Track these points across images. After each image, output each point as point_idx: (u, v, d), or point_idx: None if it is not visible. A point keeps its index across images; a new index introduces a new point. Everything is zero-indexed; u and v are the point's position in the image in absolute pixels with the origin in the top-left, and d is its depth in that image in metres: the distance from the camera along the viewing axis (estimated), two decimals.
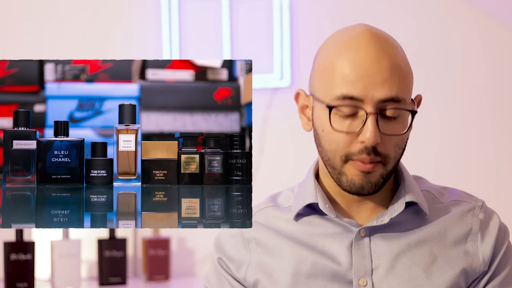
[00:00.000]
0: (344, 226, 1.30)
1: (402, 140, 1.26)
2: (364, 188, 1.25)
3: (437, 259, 1.28)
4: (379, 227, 1.29)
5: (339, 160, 1.24)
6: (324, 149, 1.26)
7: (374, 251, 1.28)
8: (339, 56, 1.24)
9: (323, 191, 1.32)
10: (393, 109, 1.22)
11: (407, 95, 1.25)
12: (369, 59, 1.22)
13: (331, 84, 1.23)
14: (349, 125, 1.23)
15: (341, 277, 1.27)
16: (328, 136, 1.24)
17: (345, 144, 1.23)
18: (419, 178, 1.38)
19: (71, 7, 2.57)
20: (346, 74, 1.22)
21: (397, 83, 1.22)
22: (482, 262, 1.29)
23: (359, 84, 1.21)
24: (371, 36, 1.25)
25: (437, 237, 1.29)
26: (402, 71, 1.23)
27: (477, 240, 1.30)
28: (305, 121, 1.32)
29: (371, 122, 1.21)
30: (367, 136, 1.21)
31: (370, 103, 1.21)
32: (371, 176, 1.24)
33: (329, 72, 1.24)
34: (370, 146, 1.21)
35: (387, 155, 1.24)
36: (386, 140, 1.23)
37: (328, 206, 1.29)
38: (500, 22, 2.54)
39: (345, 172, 1.25)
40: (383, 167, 1.25)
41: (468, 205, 1.33)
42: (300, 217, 1.33)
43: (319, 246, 1.30)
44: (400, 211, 1.28)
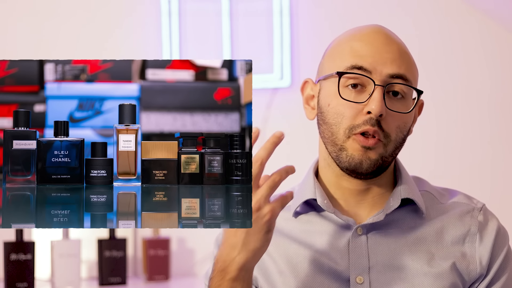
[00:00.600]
0: (341, 224, 1.30)
1: (405, 124, 1.28)
2: (363, 165, 1.26)
3: (434, 258, 1.28)
4: (376, 224, 1.30)
5: (342, 134, 1.26)
6: (328, 124, 1.28)
7: (371, 249, 1.29)
8: (349, 39, 1.29)
9: (322, 188, 1.33)
10: (400, 85, 1.26)
11: (413, 79, 1.28)
12: (379, 39, 1.27)
13: (341, 58, 1.28)
14: (356, 97, 1.26)
15: (338, 275, 1.28)
16: (334, 110, 1.27)
17: (351, 116, 1.25)
18: (420, 179, 1.39)
19: (71, 7, 2.57)
20: (357, 49, 1.27)
21: (405, 64, 1.27)
22: (479, 265, 1.28)
23: (369, 58, 1.25)
24: (381, 28, 1.30)
25: (434, 236, 1.29)
26: (410, 59, 1.29)
27: (475, 241, 1.30)
28: (309, 110, 1.35)
29: (378, 93, 1.24)
30: (373, 106, 1.23)
31: (378, 75, 1.25)
32: (371, 153, 1.26)
33: (340, 50, 1.29)
34: (375, 117, 1.24)
35: (389, 134, 1.26)
36: (390, 118, 1.25)
37: (326, 202, 1.31)
38: (500, 22, 2.54)
39: (346, 147, 1.26)
40: (383, 147, 1.26)
41: (467, 207, 1.33)
42: (299, 214, 1.35)
43: (317, 244, 1.31)
44: (395, 207, 1.29)
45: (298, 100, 2.59)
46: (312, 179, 1.34)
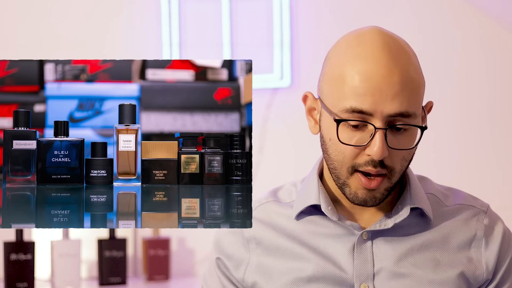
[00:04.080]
0: (346, 228, 1.29)
1: (410, 153, 1.25)
2: (367, 202, 1.24)
3: (439, 264, 1.26)
4: (382, 230, 1.28)
5: (345, 171, 1.24)
6: (330, 158, 1.25)
7: (376, 255, 1.27)
8: (349, 66, 1.22)
9: (326, 192, 1.31)
10: (402, 124, 1.21)
11: (417, 108, 1.23)
12: (380, 72, 1.20)
13: (340, 96, 1.22)
14: (357, 138, 1.22)
15: (342, 281, 1.26)
16: (335, 147, 1.24)
17: (352, 156, 1.22)
18: (423, 178, 1.37)
19: (71, 7, 2.57)
20: (356, 86, 1.20)
21: (407, 98, 1.21)
22: (485, 270, 1.27)
23: (369, 98, 1.19)
24: (383, 44, 1.22)
25: (440, 242, 1.28)
26: (413, 84, 1.22)
27: (481, 246, 1.28)
28: (312, 123, 1.31)
29: (379, 137, 1.20)
30: (375, 150, 1.20)
31: (379, 117, 1.20)
32: (375, 192, 1.24)
33: (339, 82, 1.22)
34: (377, 160, 1.21)
35: (393, 168, 1.23)
36: (394, 154, 1.22)
37: (330, 209, 1.28)
38: (500, 22, 2.54)
39: (349, 184, 1.24)
40: (388, 180, 1.24)
41: (473, 210, 1.31)
42: (302, 215, 1.32)
43: (321, 247, 1.29)
44: (404, 216, 1.27)
45: (298, 100, 2.59)
46: (316, 183, 1.32)
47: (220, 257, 1.35)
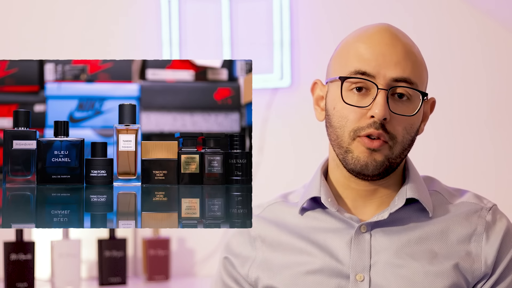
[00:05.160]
0: (346, 222, 1.31)
1: (412, 126, 1.28)
2: (369, 167, 1.26)
3: (437, 256, 1.27)
4: (380, 222, 1.30)
5: (347, 137, 1.27)
6: (333, 127, 1.28)
7: (374, 247, 1.29)
8: (355, 40, 1.29)
9: (328, 186, 1.34)
10: (405, 88, 1.26)
11: (419, 81, 1.28)
12: (384, 41, 1.27)
13: (346, 62, 1.28)
14: (360, 100, 1.26)
15: (339, 272, 1.28)
16: (339, 113, 1.27)
17: (354, 119, 1.26)
18: (432, 179, 1.38)
19: (71, 7, 2.57)
20: (361, 53, 1.27)
21: (410, 67, 1.26)
22: (483, 264, 1.28)
23: (373, 61, 1.25)
24: (389, 27, 1.30)
25: (439, 235, 1.29)
26: (416, 59, 1.29)
27: (481, 241, 1.29)
28: (318, 111, 1.35)
29: (381, 97, 1.24)
30: (376, 110, 1.24)
31: (382, 79, 1.25)
32: (376, 155, 1.26)
33: (345, 52, 1.29)
34: (379, 121, 1.24)
35: (395, 136, 1.26)
36: (395, 120, 1.26)
37: (330, 200, 1.31)
38: (500, 22, 2.54)
39: (351, 149, 1.27)
40: (389, 149, 1.26)
41: (476, 207, 1.32)
42: (305, 211, 1.35)
43: (320, 241, 1.31)
44: (399, 206, 1.29)
45: (298, 100, 2.60)
46: (319, 178, 1.34)
47: (228, 256, 1.38)
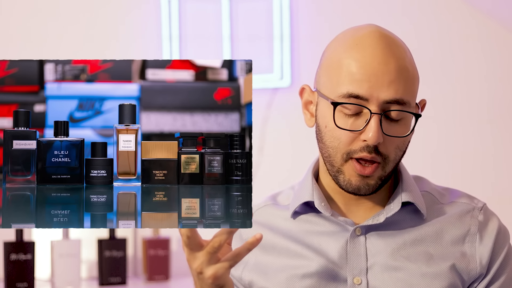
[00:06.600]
0: (340, 225, 1.30)
1: (404, 143, 1.27)
2: (361, 190, 1.26)
3: (432, 258, 1.28)
4: (375, 226, 1.29)
5: (339, 158, 1.25)
6: (325, 146, 1.27)
7: (369, 250, 1.29)
8: (346, 54, 1.25)
9: (320, 190, 1.33)
10: (397, 111, 1.23)
11: (412, 98, 1.25)
12: (376, 59, 1.23)
13: (337, 82, 1.24)
14: (353, 123, 1.24)
15: (335, 276, 1.28)
16: (331, 133, 1.25)
17: (347, 142, 1.24)
18: (420, 178, 1.38)
19: (72, 7, 2.57)
20: (353, 73, 1.23)
21: (403, 86, 1.23)
22: (479, 264, 1.28)
23: (365, 83, 1.22)
24: (380, 36, 1.25)
25: (433, 237, 1.29)
26: (408, 74, 1.24)
27: (475, 241, 1.29)
28: (308, 116, 1.33)
29: (374, 122, 1.22)
30: (370, 135, 1.22)
31: (375, 103, 1.22)
32: (369, 179, 1.25)
33: (336, 69, 1.25)
34: (372, 145, 1.22)
35: (387, 156, 1.25)
36: (388, 141, 1.24)
37: (324, 205, 1.30)
38: (500, 22, 2.54)
39: (343, 171, 1.26)
40: (382, 169, 1.25)
41: (468, 207, 1.33)
42: (298, 215, 1.34)
43: (315, 245, 1.31)
44: (395, 211, 1.29)
45: (298, 100, 2.59)
46: (310, 181, 1.33)
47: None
